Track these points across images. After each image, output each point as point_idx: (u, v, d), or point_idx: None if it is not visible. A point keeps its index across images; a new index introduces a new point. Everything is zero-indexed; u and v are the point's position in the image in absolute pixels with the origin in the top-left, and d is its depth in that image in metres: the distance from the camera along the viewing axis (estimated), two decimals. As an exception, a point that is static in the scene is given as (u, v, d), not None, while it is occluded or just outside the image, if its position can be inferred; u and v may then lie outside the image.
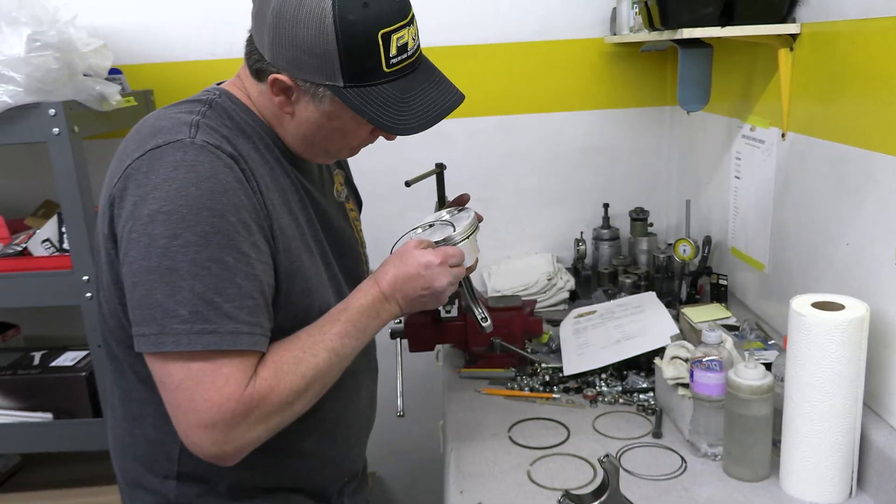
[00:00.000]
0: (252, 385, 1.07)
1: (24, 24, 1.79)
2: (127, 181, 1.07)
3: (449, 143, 2.46)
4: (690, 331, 1.80)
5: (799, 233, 1.69)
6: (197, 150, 1.08)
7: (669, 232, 2.59)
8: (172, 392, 1.06)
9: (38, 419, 2.12)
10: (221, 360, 1.06)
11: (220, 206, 1.06)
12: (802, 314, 1.24)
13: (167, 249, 1.03)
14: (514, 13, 2.39)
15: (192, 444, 1.07)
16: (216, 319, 1.04)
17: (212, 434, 1.05)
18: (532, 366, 1.86)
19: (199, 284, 1.04)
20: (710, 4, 1.64)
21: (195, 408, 1.05)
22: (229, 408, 1.05)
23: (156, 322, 1.04)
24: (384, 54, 1.12)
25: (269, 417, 1.10)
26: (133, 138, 1.13)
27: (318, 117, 1.17)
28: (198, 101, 1.20)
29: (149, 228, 1.04)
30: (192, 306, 1.04)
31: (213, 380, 1.05)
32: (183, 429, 1.07)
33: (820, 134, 1.57)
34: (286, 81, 1.14)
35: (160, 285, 1.04)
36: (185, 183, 1.05)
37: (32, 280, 2.00)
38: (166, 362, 1.06)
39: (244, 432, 1.07)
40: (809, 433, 1.27)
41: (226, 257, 1.06)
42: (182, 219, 1.03)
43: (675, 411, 1.55)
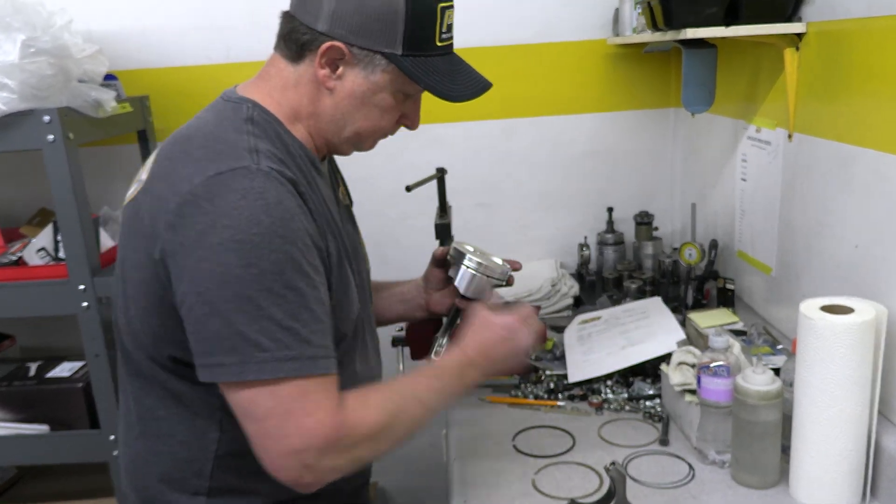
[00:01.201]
0: (342, 412, 1.10)
1: (18, 30, 1.79)
2: (186, 207, 1.07)
3: (449, 148, 2.47)
4: (697, 336, 1.80)
5: (807, 235, 1.68)
6: (263, 176, 1.09)
7: (675, 236, 2.59)
8: (261, 422, 1.08)
9: (35, 431, 2.12)
10: (307, 386, 1.08)
11: (290, 232, 1.08)
12: (811, 318, 1.24)
13: (242, 279, 1.04)
14: (515, 15, 2.40)
15: (280, 470, 1.09)
16: (297, 346, 1.07)
17: (302, 460, 1.08)
18: (536, 373, 1.85)
19: (278, 312, 1.06)
20: (715, 4, 1.65)
21: (286, 434, 1.07)
22: (322, 433, 1.08)
23: (237, 352, 1.05)
24: (439, 28, 1.20)
25: (356, 448, 1.13)
26: (181, 158, 1.13)
27: (364, 90, 1.21)
28: (237, 117, 1.19)
29: (221, 258, 1.05)
30: (272, 334, 1.05)
31: (302, 406, 1.07)
32: (272, 456, 1.09)
33: (827, 134, 1.57)
34: (341, 49, 1.17)
35: (238, 315, 1.05)
36: (256, 211, 1.06)
37: (28, 290, 2.00)
38: (250, 391, 1.07)
39: (333, 459, 1.10)
40: (819, 439, 1.27)
41: (299, 283, 1.08)
42: (256, 247, 1.05)
43: (683, 418, 1.55)
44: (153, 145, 2.39)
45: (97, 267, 1.98)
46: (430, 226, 1.82)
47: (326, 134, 1.27)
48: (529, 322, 1.38)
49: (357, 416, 1.12)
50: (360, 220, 1.55)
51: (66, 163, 1.87)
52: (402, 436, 1.20)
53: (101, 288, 1.97)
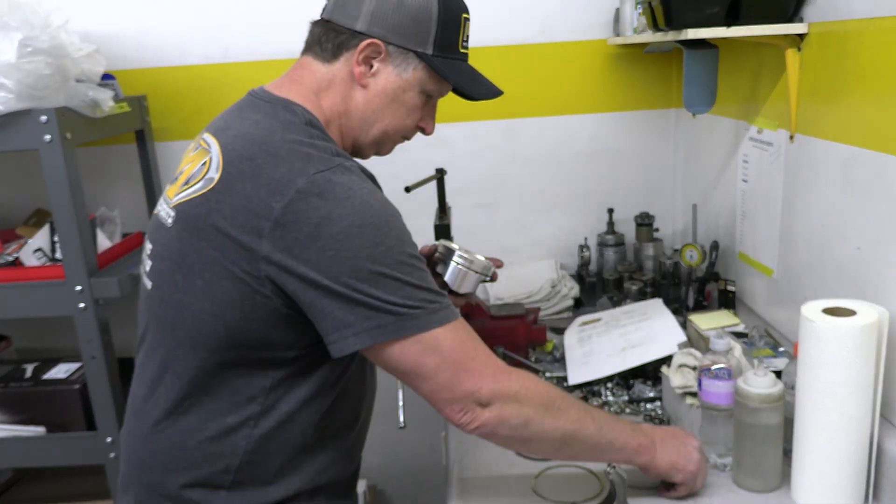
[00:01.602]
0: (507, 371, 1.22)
1: (15, 30, 1.79)
2: (295, 205, 1.12)
3: (449, 148, 2.47)
4: (698, 338, 1.79)
5: (808, 237, 1.68)
6: (354, 172, 1.19)
7: (676, 237, 2.59)
8: (432, 377, 1.17)
9: (31, 433, 2.12)
10: (458, 335, 1.19)
11: (394, 210, 1.20)
12: (813, 320, 1.24)
13: (372, 259, 1.13)
14: (515, 14, 2.40)
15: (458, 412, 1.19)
16: (438, 299, 1.17)
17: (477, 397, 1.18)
18: (536, 374, 1.85)
19: (412, 278, 1.15)
20: (716, 4, 1.65)
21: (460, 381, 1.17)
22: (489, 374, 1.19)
23: (388, 313, 1.14)
24: (461, 36, 1.33)
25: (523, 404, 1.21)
26: (268, 160, 1.16)
27: (395, 87, 1.31)
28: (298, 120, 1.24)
29: (347, 243, 1.12)
30: (416, 296, 1.15)
31: (464, 354, 1.18)
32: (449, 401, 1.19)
33: (829, 135, 1.57)
34: (380, 46, 1.27)
35: (376, 289, 1.13)
36: (365, 197, 1.15)
37: (24, 291, 2.00)
38: (411, 352, 1.16)
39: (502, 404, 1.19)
40: (821, 442, 1.27)
41: (414, 252, 1.19)
42: (377, 228, 1.14)
43: (684, 421, 1.55)
44: (151, 145, 2.39)
45: (94, 268, 1.98)
46: (429, 227, 1.82)
47: (355, 132, 1.35)
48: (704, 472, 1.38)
49: (522, 377, 1.22)
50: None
51: (63, 163, 1.87)
52: (568, 434, 1.25)
53: (98, 289, 1.97)
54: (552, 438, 1.24)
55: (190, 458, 1.25)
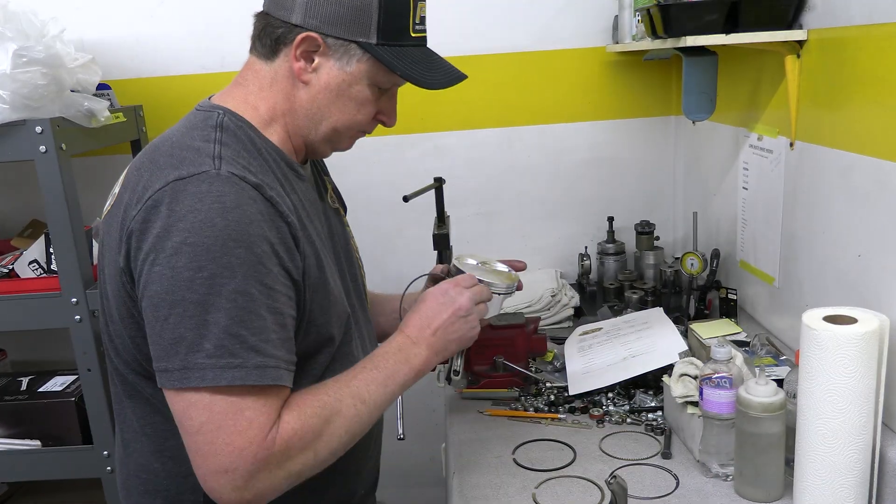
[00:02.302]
0: (275, 430, 1.08)
1: (10, 40, 1.80)
2: (148, 213, 1.08)
3: (448, 157, 2.47)
4: (699, 347, 1.80)
5: (809, 244, 1.69)
6: (222, 181, 1.09)
7: (676, 245, 2.60)
8: (193, 436, 1.07)
9: (26, 447, 2.11)
10: (245, 401, 1.06)
11: (246, 237, 1.07)
12: (814, 328, 1.24)
13: (192, 282, 1.04)
14: (514, 22, 2.41)
15: (212, 490, 1.08)
16: (242, 353, 1.05)
17: (232, 480, 1.06)
18: (536, 385, 1.85)
19: (224, 317, 1.05)
20: (714, 11, 1.65)
21: (215, 452, 1.06)
22: (251, 452, 1.06)
23: (179, 357, 1.05)
24: (413, 19, 1.24)
25: (291, 462, 1.10)
26: (147, 167, 1.14)
27: (339, 82, 1.23)
28: (206, 125, 1.20)
29: (172, 261, 1.05)
30: (217, 340, 1.04)
31: (234, 423, 1.05)
32: (202, 473, 1.08)
33: (829, 142, 1.57)
34: (316, 40, 1.19)
35: (184, 319, 1.05)
36: (211, 214, 1.06)
37: (19, 303, 2.00)
38: (188, 403, 1.06)
39: (265, 478, 1.08)
40: (823, 451, 1.27)
41: (251, 289, 1.07)
42: (207, 250, 1.05)
43: (685, 430, 1.55)
44: (147, 155, 2.39)
45: (90, 280, 1.99)
46: (428, 236, 1.82)
47: (303, 131, 1.28)
48: (465, 284, 1.36)
49: (290, 430, 1.10)
50: (356, 230, 1.55)
51: (59, 173, 1.87)
52: (345, 439, 1.18)
53: (94, 301, 1.97)
54: (334, 454, 1.18)
55: (158, 479, 1.25)
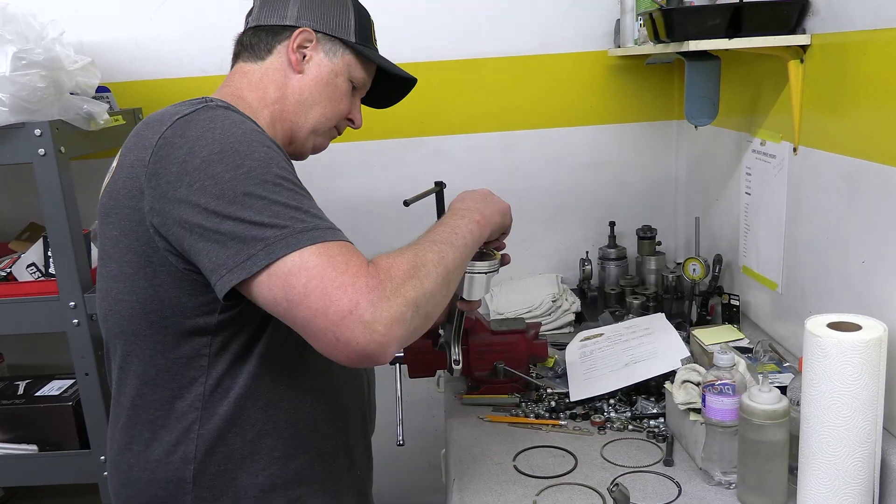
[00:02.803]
0: (372, 265, 1.11)
1: (10, 42, 1.80)
2: (162, 150, 1.14)
3: (448, 161, 2.47)
4: (702, 353, 1.80)
5: (813, 250, 1.69)
6: (223, 108, 1.21)
7: (678, 251, 2.60)
8: (303, 301, 1.06)
9: (23, 451, 2.11)
10: (331, 249, 1.08)
11: (263, 139, 1.19)
12: (817, 335, 1.24)
13: (235, 180, 1.10)
14: (515, 26, 2.41)
15: (345, 341, 1.05)
16: (310, 219, 1.10)
17: (358, 316, 1.04)
18: (537, 391, 1.85)
19: (281, 197, 1.11)
20: (717, 16, 1.66)
21: (331, 300, 1.05)
22: (362, 283, 1.06)
23: (258, 240, 1.07)
24: (373, 32, 1.49)
25: (402, 289, 1.10)
26: (145, 129, 1.20)
27: (328, 72, 1.41)
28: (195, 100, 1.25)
29: (208, 171, 1.10)
30: (284, 215, 1.09)
31: (333, 268, 1.06)
32: (330, 329, 1.05)
33: (833, 148, 1.57)
34: (311, 34, 1.39)
35: (246, 211, 1.08)
36: (227, 126, 1.16)
37: (17, 306, 2.00)
38: (283, 276, 1.06)
39: (386, 306, 1.07)
40: (827, 459, 1.27)
41: (287, 175, 1.15)
42: (237, 152, 1.12)
43: (687, 438, 1.55)
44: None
45: (88, 283, 1.98)
46: (428, 241, 1.82)
47: (291, 117, 1.41)
48: None
49: (385, 263, 1.12)
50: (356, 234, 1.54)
51: (58, 177, 1.87)
52: (443, 275, 1.19)
53: (92, 305, 1.96)
54: (439, 285, 1.18)
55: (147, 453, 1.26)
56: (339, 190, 2.45)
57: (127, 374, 1.28)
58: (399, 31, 2.31)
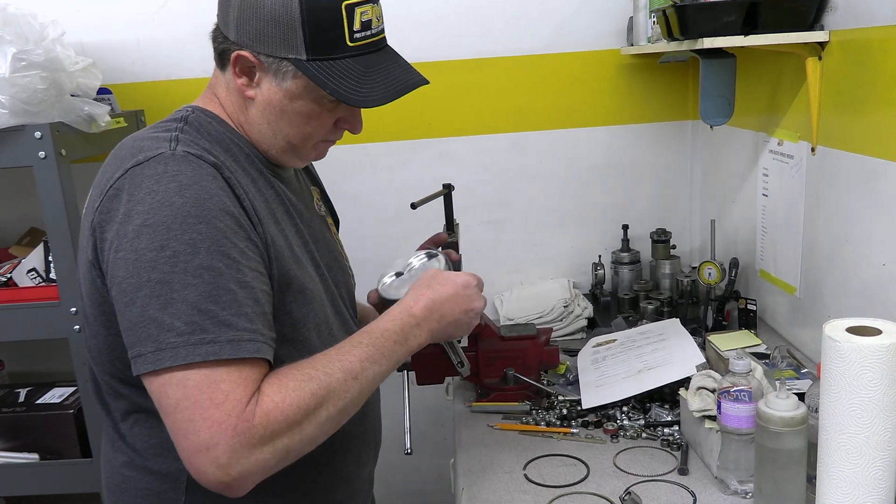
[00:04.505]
0: (254, 402, 1.06)
1: (9, 43, 1.81)
2: (110, 202, 1.11)
3: (457, 163, 2.48)
4: (717, 359, 1.79)
5: (832, 253, 1.68)
6: (178, 160, 1.12)
7: (693, 254, 2.59)
8: (171, 415, 1.06)
9: (24, 460, 2.12)
10: (219, 374, 1.05)
11: (206, 212, 1.09)
12: (836, 340, 1.23)
13: (156, 262, 1.05)
14: (525, 24, 2.41)
15: (196, 471, 1.06)
16: (213, 329, 1.05)
17: (214, 457, 1.03)
18: (548, 399, 1.85)
19: (192, 294, 1.05)
20: (733, 12, 1.65)
21: (195, 429, 1.04)
22: (230, 425, 1.03)
23: (151, 339, 1.05)
24: (347, 27, 1.19)
25: (275, 438, 1.07)
26: (111, 163, 1.17)
27: (280, 98, 1.23)
28: (172, 119, 1.24)
29: (135, 244, 1.07)
30: (187, 317, 1.05)
31: (210, 397, 1.04)
32: (185, 454, 1.06)
33: (852, 147, 1.57)
34: (248, 58, 1.20)
35: (152, 300, 1.05)
36: (169, 193, 1.08)
37: (17, 312, 2.01)
38: (163, 383, 1.05)
39: (248, 454, 1.05)
40: (847, 468, 1.26)
41: (217, 264, 1.08)
42: (168, 229, 1.06)
43: (702, 446, 1.54)
44: (148, 161, 2.40)
45: (89, 288, 1.99)
46: (436, 244, 1.83)
47: (260, 143, 1.29)
48: (481, 285, 1.38)
49: (271, 403, 1.07)
50: (362, 239, 1.55)
51: (58, 180, 1.88)
52: (336, 416, 1.15)
53: (94, 310, 1.97)
54: (324, 432, 1.15)
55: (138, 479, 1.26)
56: (344, 193, 2.44)
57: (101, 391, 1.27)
58: (405, 30, 2.31)
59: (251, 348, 1.08)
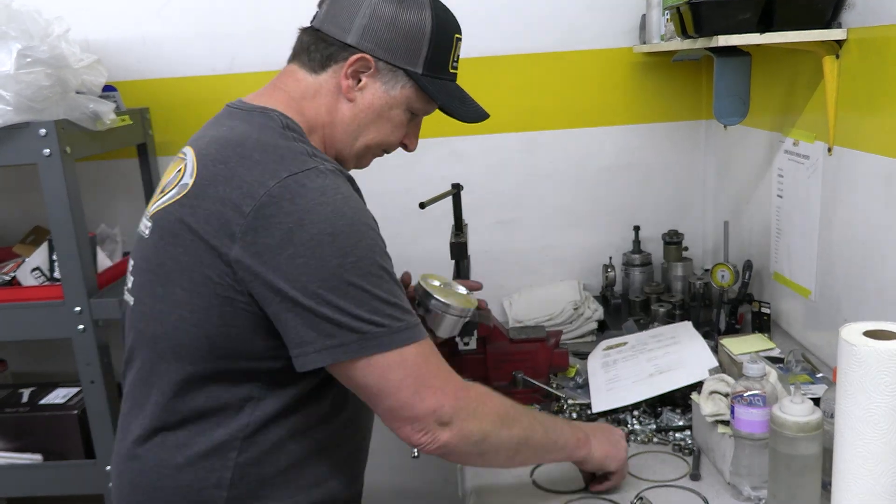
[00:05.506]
0: (466, 383, 1.27)
1: (14, 39, 1.81)
2: (266, 209, 1.16)
3: (466, 162, 2.47)
4: (730, 363, 1.78)
5: (848, 256, 1.67)
6: (333, 175, 1.22)
7: (706, 256, 2.58)
8: (395, 395, 1.20)
9: (27, 461, 2.13)
10: (425, 349, 1.22)
11: (369, 220, 1.24)
12: (853, 344, 1.23)
13: (342, 268, 1.16)
14: (537, 22, 2.41)
15: (421, 433, 1.22)
16: (405, 317, 1.21)
17: (439, 416, 1.21)
18: (558, 402, 1.84)
19: (381, 292, 1.19)
20: (748, 9, 1.65)
21: (422, 398, 1.20)
22: (451, 391, 1.23)
23: (353, 331, 1.17)
24: (453, 56, 1.41)
25: (484, 419, 1.26)
26: (240, 163, 1.21)
27: (383, 103, 1.36)
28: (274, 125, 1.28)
29: (317, 251, 1.15)
30: (383, 311, 1.18)
31: (428, 370, 1.22)
32: (410, 422, 1.21)
33: (869, 148, 1.56)
34: (369, 62, 1.32)
35: (347, 300, 1.16)
36: (338, 205, 1.18)
37: (21, 311, 2.01)
38: (375, 369, 1.19)
39: (464, 420, 1.24)
40: (863, 474, 1.25)
41: (386, 264, 1.22)
42: (348, 238, 1.17)
43: (715, 451, 1.54)
44: (153, 159, 2.41)
45: (94, 288, 2.00)
46: (445, 245, 1.82)
47: (339, 143, 1.38)
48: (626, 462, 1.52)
49: (483, 390, 1.29)
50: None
51: (63, 178, 1.89)
52: (519, 443, 1.32)
53: (98, 310, 1.98)
54: (507, 448, 1.31)
55: (179, 475, 1.27)
56: (352, 192, 2.46)
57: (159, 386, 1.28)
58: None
59: (423, 331, 1.24)
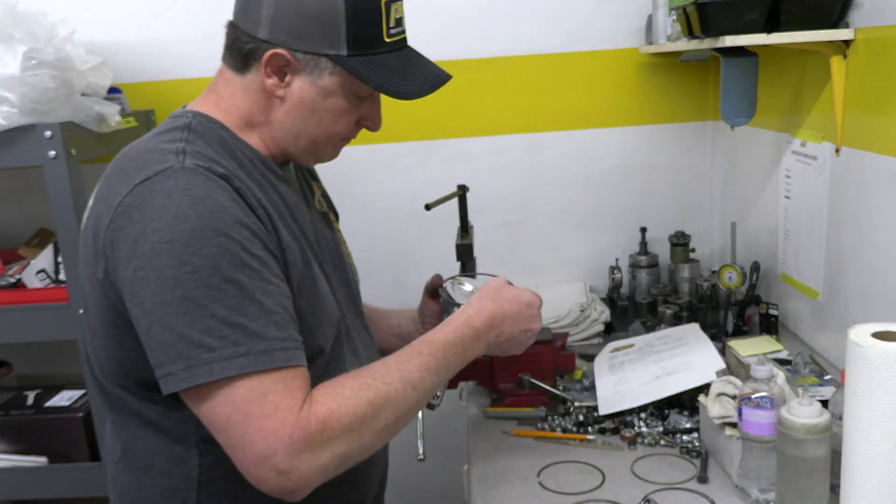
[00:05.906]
0: (307, 408, 1.09)
1: (19, 41, 1.82)
2: (120, 220, 1.11)
3: (472, 164, 2.47)
4: (738, 365, 1.78)
5: (856, 257, 1.67)
6: (188, 173, 1.12)
7: (713, 258, 2.58)
8: (224, 432, 1.09)
9: (32, 463, 2.13)
10: (265, 385, 1.08)
11: (222, 224, 1.10)
12: (861, 345, 1.22)
13: (178, 279, 1.06)
14: (542, 22, 2.41)
15: (257, 480, 1.09)
16: (245, 341, 1.07)
17: (273, 465, 1.07)
18: (564, 404, 1.84)
19: (219, 308, 1.07)
20: (755, 10, 1.64)
21: (250, 441, 1.07)
22: (286, 434, 1.06)
23: (182, 357, 1.06)
24: (385, 23, 1.24)
25: (333, 444, 1.11)
26: (116, 176, 1.17)
27: (314, 96, 1.24)
28: (174, 128, 1.23)
29: (154, 262, 1.07)
30: (217, 332, 1.06)
31: (260, 408, 1.07)
32: (244, 466, 1.09)
33: (878, 148, 1.56)
34: (285, 56, 1.20)
35: (178, 318, 1.06)
36: (182, 207, 1.08)
37: (26, 314, 2.02)
38: (210, 401, 1.08)
39: (308, 460, 1.08)
40: (872, 477, 1.25)
41: (238, 276, 1.09)
42: (186, 244, 1.07)
43: (723, 453, 1.53)
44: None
45: (99, 290, 2.00)
46: (450, 247, 1.82)
47: (281, 143, 1.30)
48: (540, 306, 1.42)
49: (327, 410, 1.10)
50: (374, 240, 1.56)
51: (68, 180, 1.89)
52: (393, 424, 1.19)
53: (103, 312, 1.98)
54: (382, 439, 1.19)
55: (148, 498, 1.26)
56: (358, 194, 2.46)
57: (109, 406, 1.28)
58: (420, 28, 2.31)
59: (284, 357, 1.10)
